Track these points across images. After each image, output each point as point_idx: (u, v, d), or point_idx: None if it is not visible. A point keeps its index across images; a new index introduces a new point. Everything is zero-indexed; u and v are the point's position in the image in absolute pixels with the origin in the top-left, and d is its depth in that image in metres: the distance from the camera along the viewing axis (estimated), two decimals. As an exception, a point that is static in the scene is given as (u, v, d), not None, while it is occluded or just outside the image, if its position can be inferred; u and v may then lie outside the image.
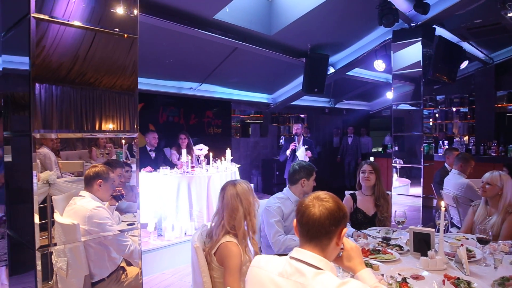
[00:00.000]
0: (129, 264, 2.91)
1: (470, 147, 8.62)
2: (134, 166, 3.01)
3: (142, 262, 4.39)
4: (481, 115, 8.97)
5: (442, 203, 2.40)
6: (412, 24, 5.49)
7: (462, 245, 2.63)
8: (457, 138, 9.48)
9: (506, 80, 8.80)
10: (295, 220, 1.55)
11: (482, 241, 2.45)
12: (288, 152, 6.43)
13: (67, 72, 2.44)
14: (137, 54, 2.64)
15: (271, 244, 2.97)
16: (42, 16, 2.24)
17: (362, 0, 5.15)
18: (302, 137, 6.56)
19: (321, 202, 1.49)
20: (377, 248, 2.61)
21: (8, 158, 2.88)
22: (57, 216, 2.64)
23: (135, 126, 2.73)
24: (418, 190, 6.07)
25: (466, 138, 9.60)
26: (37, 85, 2.29)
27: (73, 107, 2.58)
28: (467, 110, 9.68)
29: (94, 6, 2.48)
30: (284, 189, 3.27)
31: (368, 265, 2.30)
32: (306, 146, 6.43)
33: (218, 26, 4.99)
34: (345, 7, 5.25)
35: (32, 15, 2.19)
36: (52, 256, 2.59)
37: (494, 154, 7.70)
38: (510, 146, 7.48)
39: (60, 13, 2.33)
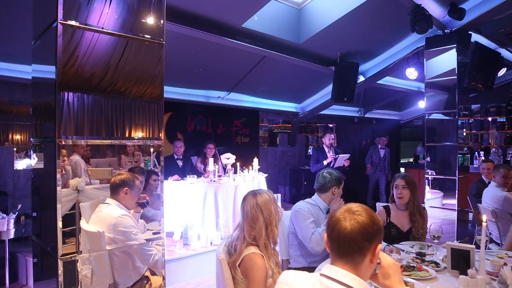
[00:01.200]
0: (153, 273, 2.88)
1: (508, 158, 8.24)
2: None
3: (167, 271, 4.40)
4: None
5: (484, 218, 2.24)
6: (446, 31, 5.30)
7: (505, 264, 2.45)
8: (494, 149, 9.07)
9: (547, 88, 8.39)
10: (325, 234, 1.45)
11: (529, 260, 2.26)
12: (325, 163, 6.31)
13: (99, 81, 2.46)
14: (163, 61, 2.62)
15: (311, 246, 2.86)
16: (70, 23, 2.25)
17: (393, 7, 5.02)
18: (332, 148, 6.45)
19: (353, 215, 1.38)
20: (411, 265, 2.46)
21: (39, 165, 2.92)
22: (83, 224, 2.65)
23: (160, 134, 2.71)
24: (452, 203, 5.81)
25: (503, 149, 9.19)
26: (61, 93, 2.31)
27: (103, 114, 2.59)
28: (504, 120, 9.26)
29: (123, 15, 2.50)
30: (313, 196, 3.18)
31: (402, 282, 2.17)
32: (348, 155, 6.43)
33: (247, 35, 4.98)
34: (375, 14, 5.14)
35: (59, 21, 2.21)
36: (78, 264, 2.60)
37: (533, 166, 7.30)
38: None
39: (93, 21, 2.36)
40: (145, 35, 2.54)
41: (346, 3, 4.88)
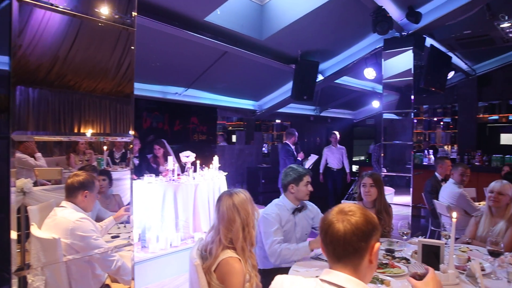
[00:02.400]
0: (114, 281, 2.69)
1: (454, 157, 8.71)
2: (115, 174, 2.80)
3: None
4: (464, 125, 9.10)
5: (454, 214, 2.29)
6: (403, 33, 5.47)
7: (469, 257, 2.54)
8: (442, 148, 9.57)
9: (487, 92, 8.96)
10: (320, 239, 1.39)
11: (494, 254, 2.35)
12: (299, 158, 6.58)
13: (46, 74, 2.22)
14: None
15: (268, 254, 2.81)
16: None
17: (353, 7, 5.09)
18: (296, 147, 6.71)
19: (345, 216, 1.32)
20: (383, 262, 2.48)
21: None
22: (34, 230, 2.38)
23: (130, 130, 2.50)
24: (403, 199, 6.02)
25: (447, 147, 9.71)
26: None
27: (50, 108, 2.34)
28: (449, 120, 9.79)
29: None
30: (281, 195, 3.13)
31: (379, 280, 2.16)
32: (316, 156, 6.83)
33: (209, 29, 4.83)
34: (336, 14, 5.19)
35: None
36: (28, 276, 2.34)
37: (478, 164, 7.77)
38: (494, 156, 7.57)
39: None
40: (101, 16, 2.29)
41: (309, 2, 4.88)
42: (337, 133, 8.33)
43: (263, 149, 10.52)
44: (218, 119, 9.40)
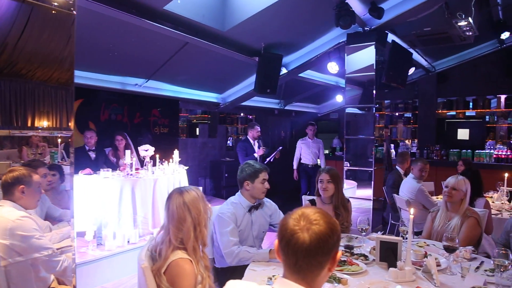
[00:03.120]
0: (62, 283, 2.52)
1: (414, 151, 8.95)
2: (68, 168, 2.61)
3: (78, 276, 3.96)
4: (424, 120, 9.34)
5: (411, 210, 2.28)
6: (366, 28, 5.49)
7: (426, 252, 2.56)
8: (403, 142, 9.81)
9: (446, 88, 9.23)
10: (276, 242, 1.27)
11: (449, 249, 2.36)
12: (256, 155, 6.25)
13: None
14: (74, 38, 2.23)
15: (224, 254, 2.72)
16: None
17: (317, 1, 5.05)
18: (258, 140, 6.44)
19: (310, 224, 1.20)
20: (342, 259, 2.45)
21: None
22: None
23: (69, 124, 2.32)
24: (365, 193, 6.10)
25: (408, 142, 9.96)
26: None
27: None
28: (410, 115, 10.04)
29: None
30: (237, 193, 3.03)
31: (336, 279, 2.12)
32: (280, 148, 6.54)
33: (168, 18, 4.64)
34: (300, 7, 5.12)
35: None
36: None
37: (436, 158, 8.01)
38: (451, 150, 7.82)
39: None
40: (53, 3, 2.12)
41: (273, -7, 4.79)
42: (314, 124, 7.55)
43: (228, 142, 10.41)
44: (181, 112, 9.19)
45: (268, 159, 6.52)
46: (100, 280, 4.12)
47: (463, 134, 9.00)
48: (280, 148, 6.72)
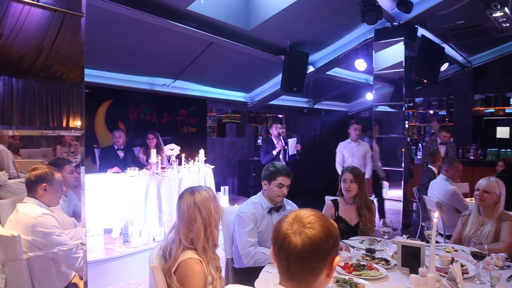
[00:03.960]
0: (82, 278, 2.57)
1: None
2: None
3: (105, 271, 4.06)
4: (459, 118, 8.96)
5: (435, 214, 2.16)
6: (394, 23, 5.33)
7: (453, 258, 2.41)
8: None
9: (483, 84, 8.81)
10: (272, 250, 1.21)
11: (477, 256, 2.22)
12: (274, 152, 6.09)
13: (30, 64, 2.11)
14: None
15: (241, 254, 2.69)
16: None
17: (343, -3, 4.94)
18: (280, 138, 6.24)
19: (303, 228, 1.13)
20: (361, 263, 2.35)
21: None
22: (-5, 227, 2.29)
23: (78, 122, 2.37)
24: (397, 193, 5.91)
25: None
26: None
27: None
28: (445, 113, 9.65)
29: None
30: (259, 192, 2.98)
31: (352, 284, 2.04)
32: (295, 139, 6.15)
33: (192, 18, 4.67)
34: (326, 3, 5.03)
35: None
36: (-10, 274, 2.24)
37: (472, 158, 7.66)
38: (489, 149, 7.45)
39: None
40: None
41: (297, -10, 4.71)
42: (358, 122, 5.72)
43: (258, 141, 10.39)
44: (209, 111, 9.25)
45: (290, 155, 6.23)
46: (125, 276, 4.20)
47: (502, 132, 8.55)
48: (294, 139, 6.24)
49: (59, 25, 2.20)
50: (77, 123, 2.45)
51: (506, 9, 4.62)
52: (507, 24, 5.12)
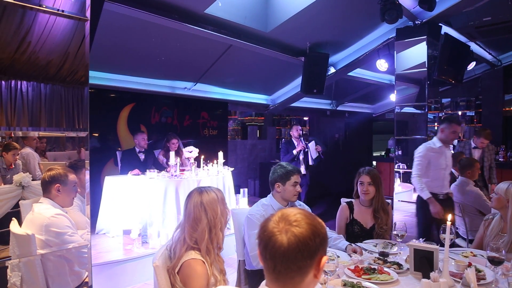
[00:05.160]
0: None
1: (476, 153, 8.28)
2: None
3: (124, 272, 4.12)
4: (488, 119, 8.62)
5: (449, 217, 2.08)
6: (417, 22, 5.19)
7: (470, 264, 2.31)
8: (463, 143, 9.12)
9: (515, 83, 8.46)
10: (258, 250, 1.19)
11: (494, 261, 2.12)
12: (295, 152, 6.06)
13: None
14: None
15: (250, 257, 2.67)
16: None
17: (363, -4, 4.86)
18: (301, 140, 6.20)
19: (289, 226, 1.11)
20: (372, 267, 2.29)
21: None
22: (12, 226, 2.37)
23: (84, 125, 2.42)
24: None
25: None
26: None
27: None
28: (473, 114, 9.32)
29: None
30: (269, 195, 2.96)
31: (360, 288, 1.99)
32: (313, 141, 6.11)
33: (210, 21, 4.70)
34: (345, 3, 4.96)
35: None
36: (8, 270, 2.33)
37: (502, 160, 7.36)
38: (520, 151, 7.15)
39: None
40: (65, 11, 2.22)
41: (315, -10, 4.67)
42: (456, 121, 4.10)
43: (281, 144, 10.34)
44: (232, 114, 9.29)
45: (314, 158, 6.21)
46: (143, 277, 4.26)
47: (534, 133, 8.19)
48: (313, 142, 6.22)
49: (83, 34, 2.26)
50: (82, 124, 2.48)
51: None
52: (536, 20, 4.91)
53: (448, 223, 2.11)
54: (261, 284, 1.19)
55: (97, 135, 6.10)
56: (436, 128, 10.04)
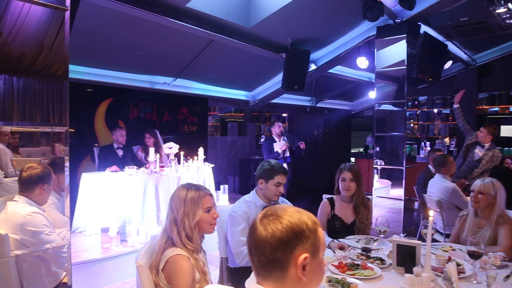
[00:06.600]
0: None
1: (452, 149, 8.50)
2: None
3: (102, 271, 4.03)
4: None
5: (431, 213, 2.11)
6: (397, 20, 5.25)
7: (449, 258, 2.36)
8: (439, 140, 9.35)
9: (488, 82, 8.72)
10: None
11: (474, 255, 2.17)
12: (280, 151, 5.99)
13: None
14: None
15: (233, 254, 2.65)
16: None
17: (344, -7, 4.88)
18: (283, 137, 6.17)
19: (274, 218, 1.09)
20: (355, 262, 2.31)
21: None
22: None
23: (64, 120, 2.34)
24: (399, 192, 5.83)
25: (447, 139, 9.47)
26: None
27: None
28: (449, 112, 9.55)
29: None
30: (252, 191, 2.94)
31: (345, 284, 1.99)
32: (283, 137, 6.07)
33: (191, 16, 4.63)
34: (327, 0, 4.97)
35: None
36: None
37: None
38: (493, 148, 7.33)
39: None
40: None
41: (297, -13, 4.66)
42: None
43: (261, 140, 10.35)
44: (212, 110, 9.21)
45: (295, 154, 6.19)
46: (122, 276, 4.17)
47: (507, 131, 8.45)
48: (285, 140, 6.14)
49: (60, 24, 2.17)
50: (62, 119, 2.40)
51: (510, 5, 4.54)
52: (511, 21, 5.03)
53: (430, 219, 2.14)
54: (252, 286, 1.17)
55: (73, 130, 5.92)
56: (412, 125, 10.28)
